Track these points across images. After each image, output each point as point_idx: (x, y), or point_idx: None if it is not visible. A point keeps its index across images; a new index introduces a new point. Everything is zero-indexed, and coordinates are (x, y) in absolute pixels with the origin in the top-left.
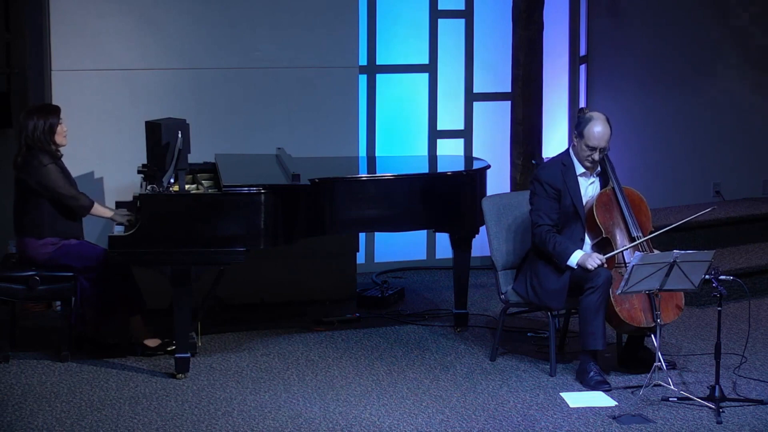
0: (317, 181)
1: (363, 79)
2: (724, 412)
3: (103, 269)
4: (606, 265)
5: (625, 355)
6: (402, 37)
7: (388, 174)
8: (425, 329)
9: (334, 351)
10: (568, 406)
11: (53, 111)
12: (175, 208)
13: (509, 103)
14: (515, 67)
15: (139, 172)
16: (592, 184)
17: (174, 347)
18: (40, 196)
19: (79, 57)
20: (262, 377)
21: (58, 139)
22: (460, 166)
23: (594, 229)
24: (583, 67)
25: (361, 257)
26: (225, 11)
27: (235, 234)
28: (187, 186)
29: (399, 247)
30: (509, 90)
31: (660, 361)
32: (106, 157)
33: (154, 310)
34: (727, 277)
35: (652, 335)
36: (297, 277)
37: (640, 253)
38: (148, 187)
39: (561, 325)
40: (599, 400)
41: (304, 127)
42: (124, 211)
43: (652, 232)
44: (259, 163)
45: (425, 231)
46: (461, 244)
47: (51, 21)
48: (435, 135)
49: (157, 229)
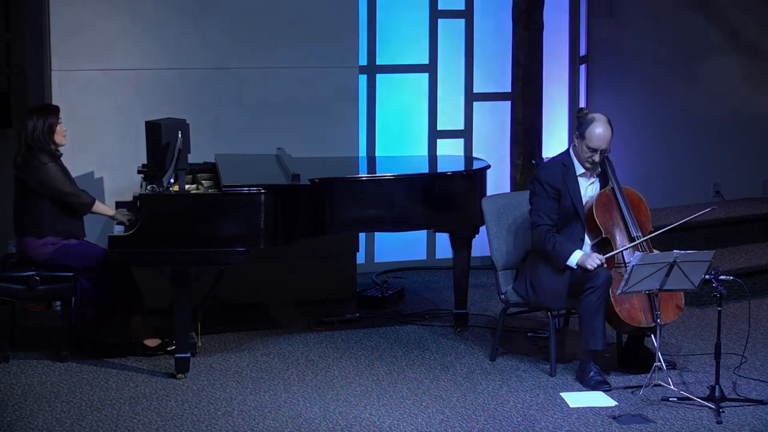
0: (317, 181)
1: (363, 79)
2: (724, 412)
3: (103, 269)
4: (606, 265)
5: (625, 355)
6: (402, 37)
7: (388, 174)
8: (425, 329)
9: (334, 351)
10: (568, 406)
11: (52, 111)
12: (175, 208)
13: (509, 103)
14: (515, 67)
15: (139, 172)
16: (592, 184)
17: (174, 347)
18: (40, 196)
19: (79, 57)
20: (262, 377)
21: (58, 139)
22: (460, 166)
23: (594, 229)
24: (583, 67)
25: (361, 257)
26: (225, 11)
27: (235, 234)
28: (187, 186)
29: (399, 247)
30: (509, 90)
31: (660, 361)
32: (106, 157)
33: (154, 310)
34: (727, 277)
35: (652, 335)
36: (297, 277)
37: (640, 253)
38: (148, 187)
39: (561, 325)
40: (599, 400)
41: (304, 127)
42: (124, 210)
43: (651, 232)
44: (259, 163)
45: (425, 231)
46: (461, 244)
47: (51, 21)
48: (435, 135)
49: (157, 229)
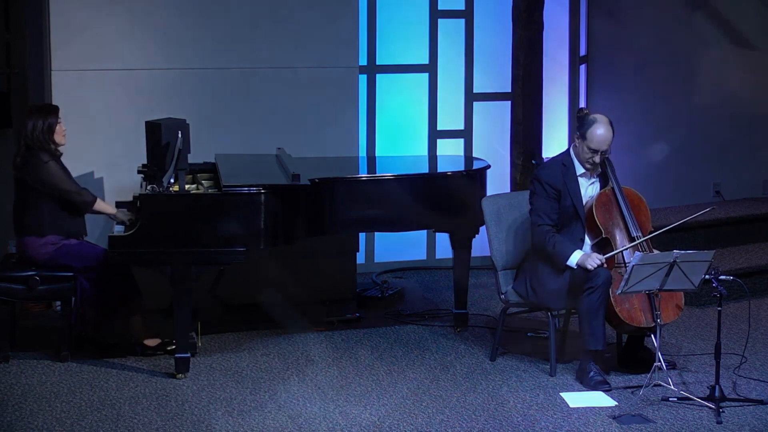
0: (317, 181)
1: (363, 79)
2: (724, 412)
3: (103, 269)
4: (606, 265)
5: (625, 355)
6: (402, 37)
7: (388, 174)
8: (425, 329)
9: (334, 351)
10: (568, 406)
11: (52, 111)
12: (175, 208)
13: (509, 103)
14: (515, 67)
15: (139, 172)
16: (593, 184)
17: (174, 347)
18: (40, 195)
19: (79, 57)
20: (262, 377)
21: (58, 139)
22: (460, 166)
23: (594, 230)
24: (583, 67)
25: (361, 257)
26: (225, 11)
27: (235, 234)
28: (187, 186)
29: (399, 247)
30: (509, 90)
31: (660, 361)
32: (106, 157)
33: (154, 310)
34: (727, 277)
35: (652, 335)
36: (297, 277)
37: (640, 253)
38: (148, 187)
39: (561, 325)
40: (599, 400)
41: (304, 127)
42: (125, 210)
43: (651, 232)
44: (259, 163)
45: (425, 231)
46: (461, 244)
47: (51, 21)
48: (435, 135)
49: (157, 229)
